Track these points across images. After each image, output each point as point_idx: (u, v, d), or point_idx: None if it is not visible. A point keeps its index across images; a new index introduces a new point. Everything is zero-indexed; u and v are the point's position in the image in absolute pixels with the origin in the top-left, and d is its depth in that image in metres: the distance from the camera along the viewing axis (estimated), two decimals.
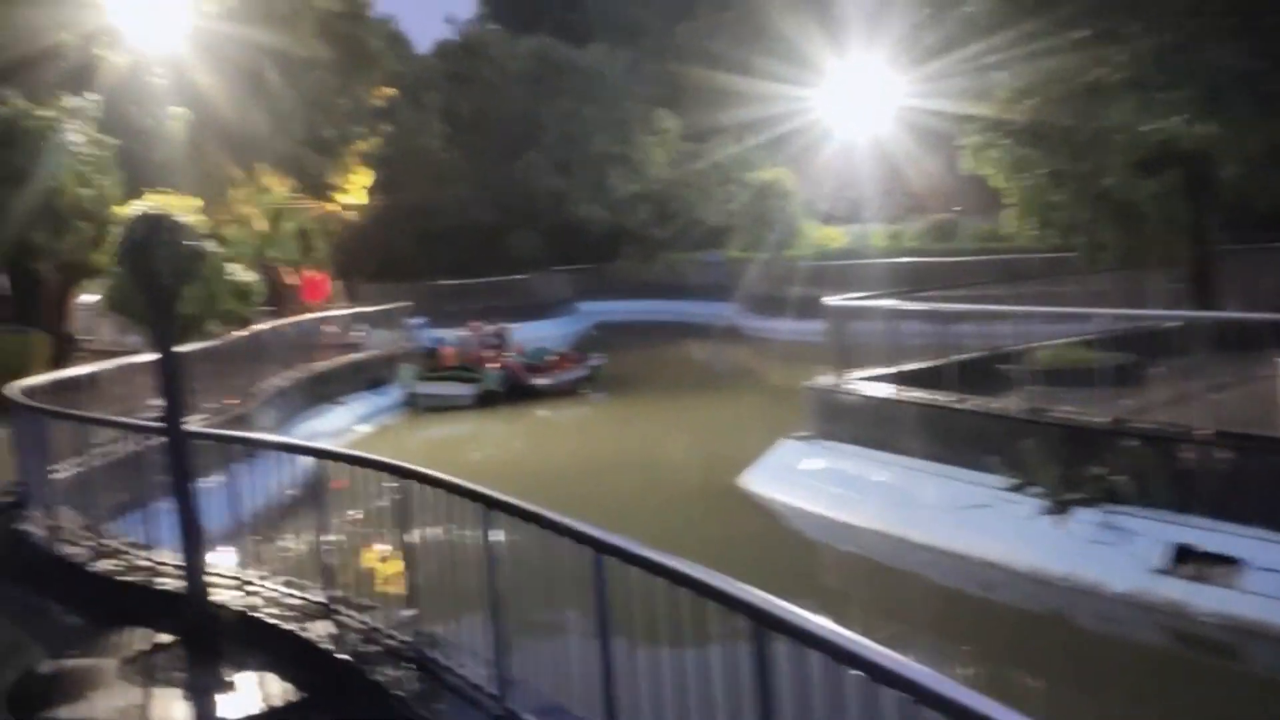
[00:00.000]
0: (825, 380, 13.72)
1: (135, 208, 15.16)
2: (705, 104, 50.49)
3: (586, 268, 48.95)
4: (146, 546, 7.79)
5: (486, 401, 22.84)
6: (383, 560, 6.35)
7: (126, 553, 7.84)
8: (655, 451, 17.98)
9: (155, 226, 6.10)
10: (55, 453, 9.15)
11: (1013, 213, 28.93)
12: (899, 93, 39.40)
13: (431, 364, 24.28)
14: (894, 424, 12.14)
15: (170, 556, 7.33)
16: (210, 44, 20.95)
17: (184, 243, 6.19)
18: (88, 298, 29.56)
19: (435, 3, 55.24)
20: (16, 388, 10.26)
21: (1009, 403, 11.25)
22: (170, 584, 7.13)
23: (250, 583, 6.86)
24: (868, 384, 13.01)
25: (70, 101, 18.88)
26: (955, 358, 12.89)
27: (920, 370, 12.70)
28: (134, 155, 20.42)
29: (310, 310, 25.34)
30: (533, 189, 47.49)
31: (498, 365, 23.93)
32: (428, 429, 21.90)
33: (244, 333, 17.00)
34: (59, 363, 22.08)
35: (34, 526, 8.90)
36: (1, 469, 13.70)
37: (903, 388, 12.44)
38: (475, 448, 20.37)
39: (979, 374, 12.33)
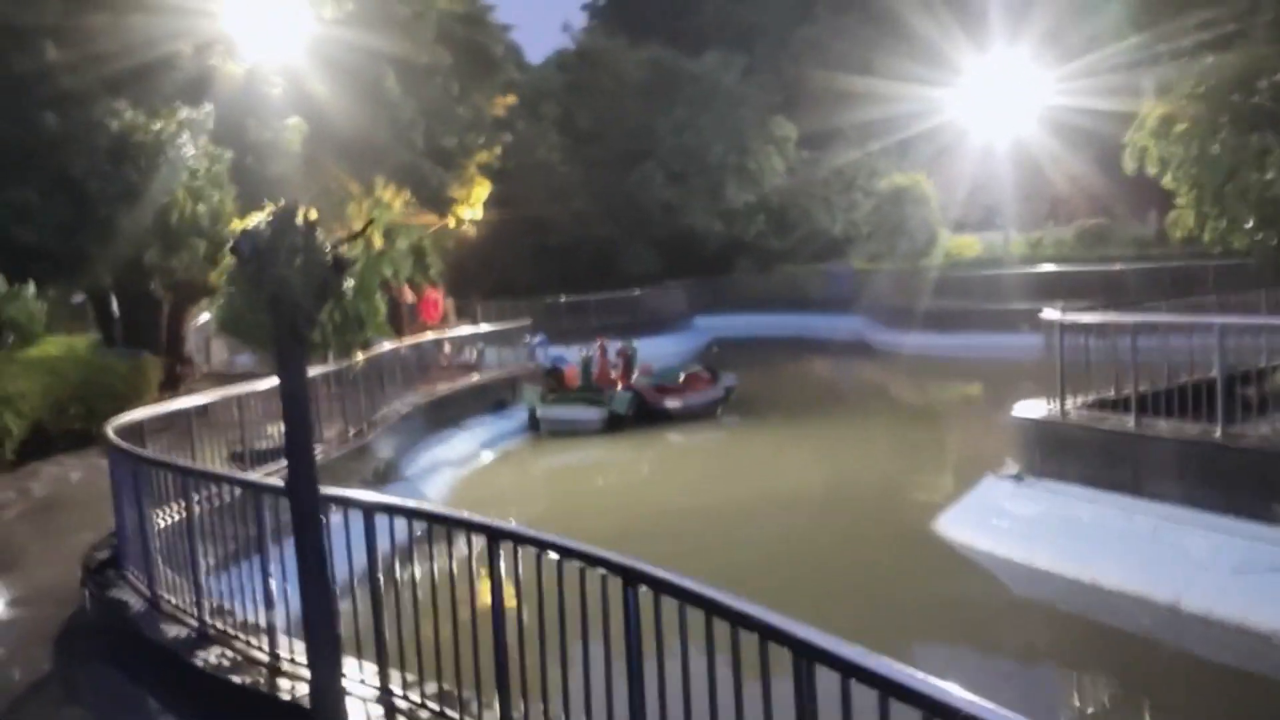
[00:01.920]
0: (1039, 407, 11.63)
1: (252, 220, 13.93)
2: (825, 109, 48.33)
3: (701, 281, 47.16)
4: (261, 630, 6.22)
5: (613, 425, 21.22)
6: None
7: (238, 638, 6.29)
8: (817, 486, 15.97)
9: (285, 229, 4.51)
10: (156, 498, 7.74)
11: (1185, 214, 26.27)
12: (1043, 91, 36.95)
13: (554, 385, 22.77)
14: (1139, 461, 10.04)
15: (293, 649, 5.75)
16: (328, 51, 19.91)
17: (321, 251, 4.59)
18: (199, 318, 29.02)
19: (541, 14, 54.40)
20: (112, 426, 8.93)
21: None
22: (292, 687, 5.53)
23: (395, 694, 5.20)
24: (1098, 413, 10.89)
25: (184, 113, 17.92)
26: (1187, 379, 10.70)
27: (1154, 393, 10.55)
28: (249, 169, 19.45)
29: (428, 330, 24.11)
30: (646, 201, 45.98)
31: (625, 386, 22.30)
32: (552, 455, 20.35)
33: (366, 356, 15.68)
34: (171, 386, 21.33)
35: (131, 595, 7.48)
36: (102, 507, 12.57)
37: (1144, 416, 10.30)
38: (604, 478, 18.72)
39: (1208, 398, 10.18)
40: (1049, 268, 32.21)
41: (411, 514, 5.38)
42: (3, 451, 14.18)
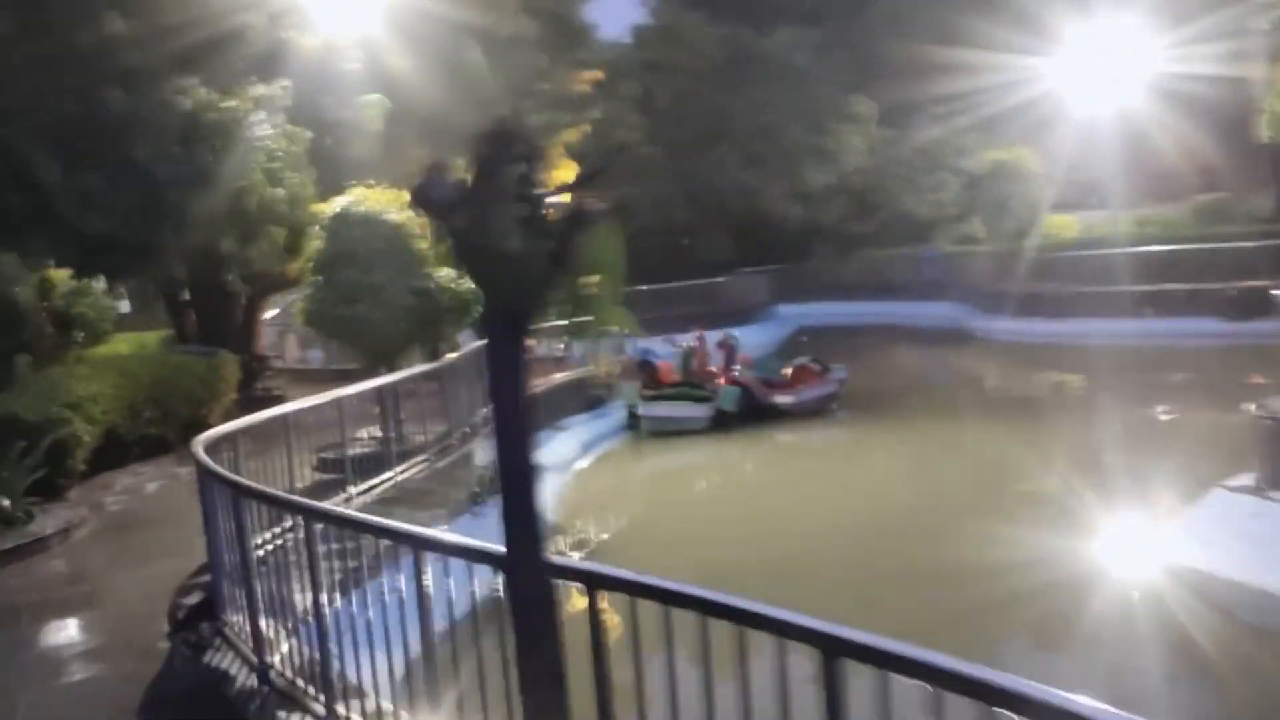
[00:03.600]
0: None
1: (336, 204, 12.39)
2: (905, 84, 46.03)
3: (779, 268, 45.20)
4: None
5: (718, 423, 19.52)
6: None
7: None
8: (974, 498, 14.01)
9: (497, 165, 2.93)
10: (259, 530, 6.24)
11: None
12: (1150, 58, 34.52)
13: (649, 380, 21.11)
14: None
15: None
16: (408, 22, 18.43)
17: (549, 199, 3.01)
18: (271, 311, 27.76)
19: None
20: (202, 442, 7.45)
21: None
22: None
23: None
24: None
25: (258, 90, 16.54)
26: None
27: None
28: (326, 150, 18.05)
29: None
30: (721, 185, 44.15)
31: (727, 380, 20.59)
32: (656, 458, 18.70)
33: (461, 352, 14.18)
34: (247, 385, 20.07)
35: (232, 660, 5.97)
36: (186, 527, 11.17)
37: None
38: (716, 486, 16.98)
39: None
40: (1162, 246, 29.89)
41: (641, 590, 3.71)
42: (73, 461, 12.87)
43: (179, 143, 15.65)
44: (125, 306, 24.03)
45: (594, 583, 3.51)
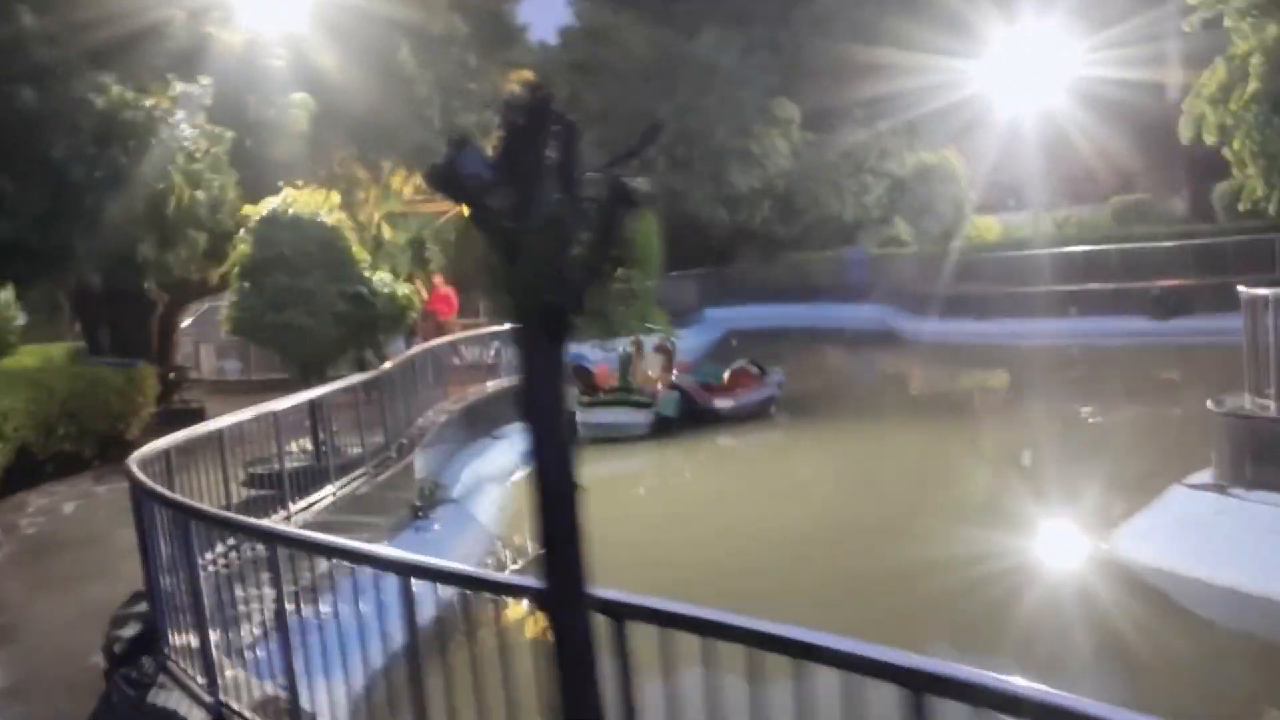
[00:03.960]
0: (1241, 403, 9.76)
1: (264, 206, 11.80)
2: (828, 87, 46.48)
3: (706, 272, 45.16)
4: None
5: (658, 429, 19.23)
6: None
7: None
8: (920, 497, 13.96)
9: (534, 134, 2.58)
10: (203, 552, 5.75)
11: (1253, 184, 24.59)
12: (1071, 62, 35.19)
13: (585, 386, 20.73)
14: None
15: None
16: (335, 18, 17.80)
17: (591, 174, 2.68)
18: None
19: None
20: (136, 459, 6.89)
21: None
22: None
23: None
24: None
25: (177, 88, 15.78)
26: None
27: None
28: (250, 152, 17.31)
29: (445, 329, 22.00)
30: (649, 189, 43.92)
31: (666, 385, 20.31)
32: (596, 464, 18.22)
33: (398, 360, 13.67)
34: (165, 399, 19.17)
35: (181, 698, 5.45)
36: (107, 548, 10.49)
37: None
38: (663, 493, 16.70)
39: None
40: (1086, 247, 30.51)
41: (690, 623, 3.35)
42: None
43: (94, 142, 14.80)
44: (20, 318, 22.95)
45: (624, 614, 3.16)
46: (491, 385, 19.20)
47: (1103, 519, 11.08)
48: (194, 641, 5.53)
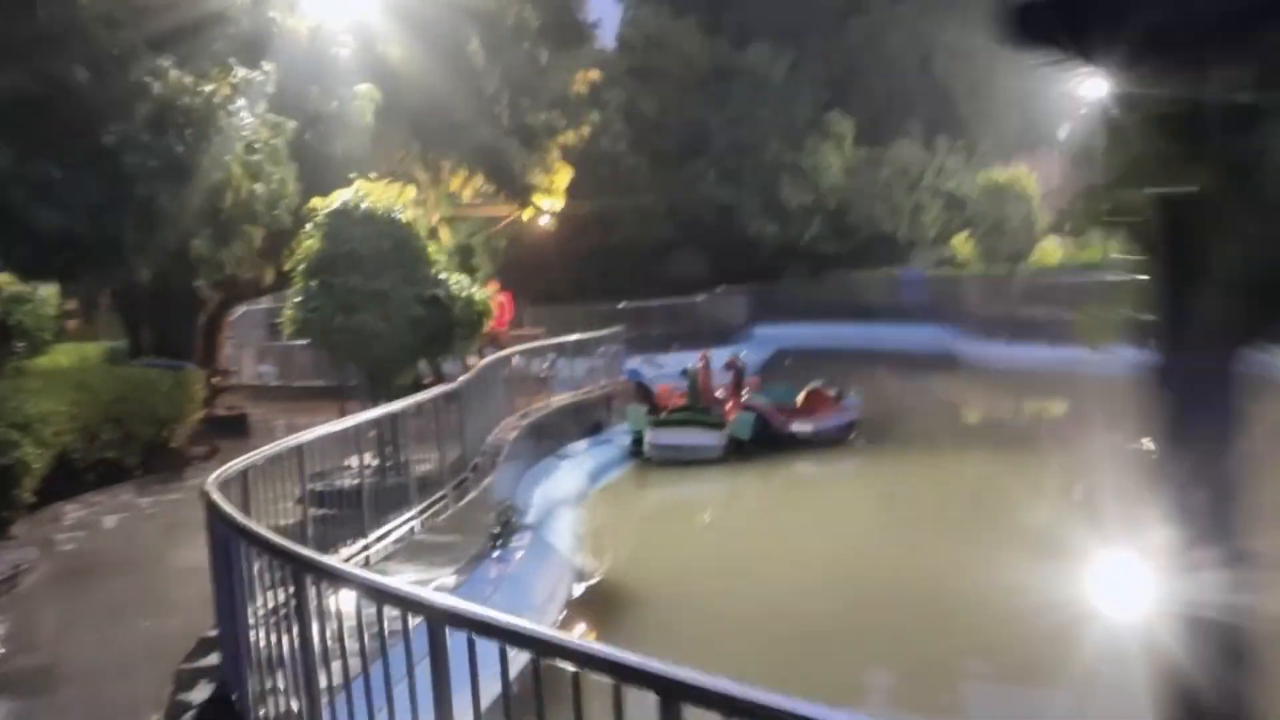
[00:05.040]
0: None
1: (335, 199, 10.73)
2: (882, 104, 45.39)
3: (756, 288, 43.95)
4: None
5: (731, 452, 18.00)
6: None
7: None
8: (1019, 532, 12.59)
9: None
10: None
11: None
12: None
13: (648, 404, 19.54)
14: None
15: None
16: (404, 7, 16.78)
17: None
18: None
19: None
20: (215, 482, 5.76)
21: None
22: None
23: None
24: None
25: (239, 75, 14.80)
26: None
27: None
28: (310, 145, 16.34)
29: (502, 341, 20.86)
30: (698, 201, 42.89)
31: (737, 406, 19.10)
32: (667, 488, 17.11)
33: (474, 371, 12.56)
34: (210, 404, 18.17)
35: None
36: (156, 571, 9.41)
37: None
38: (744, 525, 15.30)
39: None
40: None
41: None
42: (18, 491, 10.96)
43: (149, 129, 13.83)
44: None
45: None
46: (556, 400, 18.06)
47: None
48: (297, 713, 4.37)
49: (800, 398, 19.75)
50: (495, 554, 10.12)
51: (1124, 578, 10.90)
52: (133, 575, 9.62)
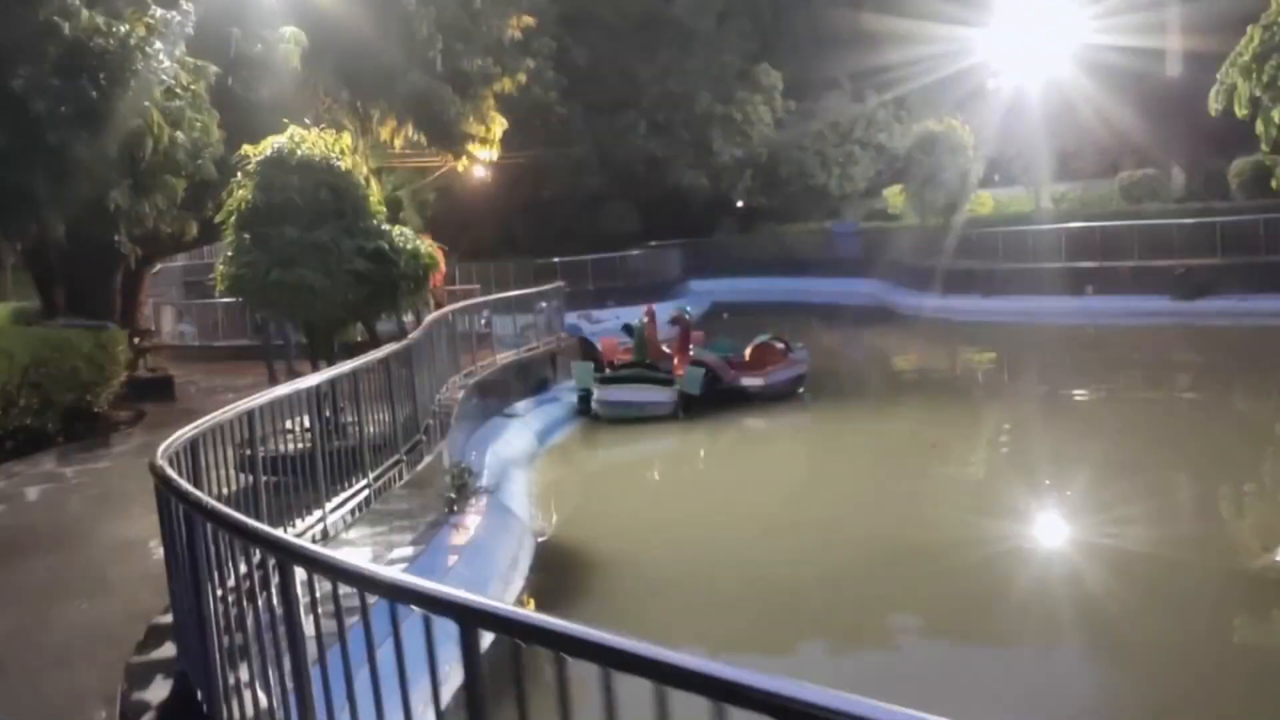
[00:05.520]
0: None
1: (267, 145, 10.00)
2: (811, 57, 45.01)
3: (689, 242, 43.64)
4: None
5: (679, 408, 17.62)
6: None
7: None
8: (976, 485, 12.43)
9: None
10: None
11: None
12: (1077, 31, 33.90)
13: (593, 360, 19.07)
14: None
15: None
16: None
17: None
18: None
19: None
20: (165, 454, 5.17)
21: None
22: None
23: None
24: None
25: (157, 14, 13.78)
26: None
27: None
28: (232, 92, 15.39)
29: (438, 297, 20.12)
30: (628, 155, 42.22)
31: (684, 361, 18.72)
32: (619, 447, 16.69)
33: (421, 329, 11.96)
34: (135, 366, 17.26)
35: None
36: (88, 548, 8.72)
37: None
38: (702, 482, 14.99)
39: None
40: (1101, 223, 29.26)
41: None
42: None
43: (59, 73, 12.80)
44: None
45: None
46: (501, 358, 17.46)
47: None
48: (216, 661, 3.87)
49: (748, 351, 19.46)
50: (451, 520, 9.61)
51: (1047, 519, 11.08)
52: (62, 552, 8.90)
